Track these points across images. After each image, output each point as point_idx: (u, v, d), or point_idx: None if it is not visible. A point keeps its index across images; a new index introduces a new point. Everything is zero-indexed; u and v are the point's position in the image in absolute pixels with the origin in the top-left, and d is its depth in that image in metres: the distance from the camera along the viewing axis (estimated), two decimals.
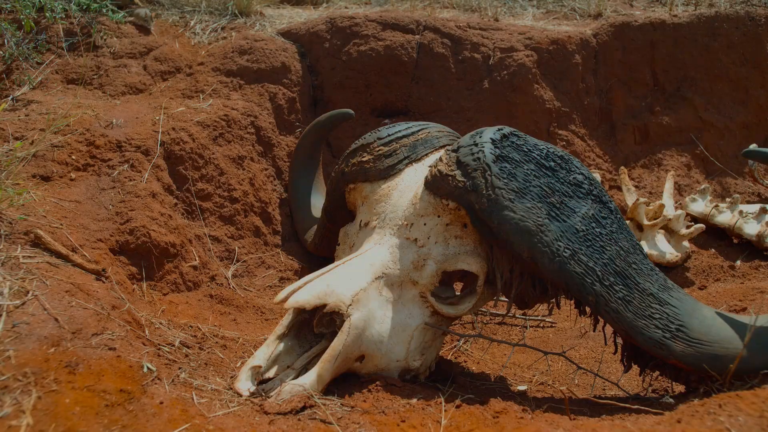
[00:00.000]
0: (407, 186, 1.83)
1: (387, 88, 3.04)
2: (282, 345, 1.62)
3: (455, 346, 2.26)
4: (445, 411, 1.44)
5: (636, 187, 3.11)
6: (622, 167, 2.88)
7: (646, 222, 2.51)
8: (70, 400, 1.18)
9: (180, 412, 1.27)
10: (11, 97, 2.63)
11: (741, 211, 2.72)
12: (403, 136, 1.92)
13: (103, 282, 1.73)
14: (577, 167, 1.72)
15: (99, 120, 2.42)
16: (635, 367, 1.68)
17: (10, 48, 2.85)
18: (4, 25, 2.85)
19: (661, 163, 3.23)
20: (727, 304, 2.37)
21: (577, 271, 1.53)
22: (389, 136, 1.92)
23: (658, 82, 3.38)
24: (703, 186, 2.90)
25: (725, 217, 2.75)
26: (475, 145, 1.65)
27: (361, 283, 1.63)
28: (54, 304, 1.44)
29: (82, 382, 1.24)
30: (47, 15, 3.01)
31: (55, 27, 3.04)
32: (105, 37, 3.11)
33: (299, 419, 1.40)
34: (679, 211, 2.59)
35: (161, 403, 1.27)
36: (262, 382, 1.55)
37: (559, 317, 2.44)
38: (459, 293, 1.78)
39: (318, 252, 2.51)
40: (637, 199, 2.52)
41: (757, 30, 3.37)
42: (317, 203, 2.67)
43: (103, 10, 3.21)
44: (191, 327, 1.93)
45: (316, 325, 1.61)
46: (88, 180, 2.17)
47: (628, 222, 2.60)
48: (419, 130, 1.96)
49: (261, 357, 1.58)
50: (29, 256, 1.61)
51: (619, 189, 3.03)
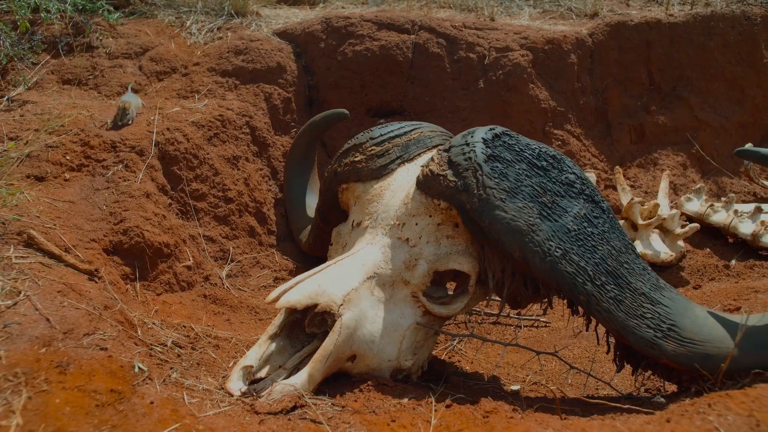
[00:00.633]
0: (399, 186, 1.83)
1: (382, 87, 3.04)
2: (274, 345, 1.63)
3: (449, 346, 2.26)
4: (435, 411, 1.45)
5: (632, 186, 3.11)
6: (618, 167, 2.88)
7: (640, 221, 2.51)
8: (60, 400, 1.19)
9: (170, 412, 1.27)
10: (6, 97, 2.64)
11: (736, 211, 2.71)
12: (396, 136, 1.92)
13: (96, 282, 1.74)
14: (569, 167, 1.72)
15: (94, 120, 2.43)
16: (628, 367, 1.68)
17: (6, 48, 2.85)
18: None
19: (657, 162, 3.23)
20: (721, 303, 2.37)
21: (568, 270, 1.53)
22: (381, 136, 1.92)
23: (654, 81, 3.38)
24: (698, 185, 2.90)
25: (720, 216, 2.75)
26: (467, 144, 1.65)
27: (353, 282, 1.64)
28: (46, 305, 1.44)
29: (72, 382, 1.25)
30: (43, 15, 3.02)
31: (50, 27, 3.05)
32: (101, 37, 3.11)
33: (290, 419, 1.40)
34: (673, 211, 2.59)
35: (152, 403, 1.28)
36: (253, 382, 1.55)
37: (553, 317, 2.45)
38: (452, 293, 1.78)
39: (312, 252, 2.51)
40: (632, 199, 2.52)
41: (752, 29, 3.37)
42: (312, 203, 2.67)
43: (99, 11, 3.22)
44: (184, 327, 1.93)
45: (307, 325, 1.61)
46: (83, 180, 2.17)
47: (622, 221, 2.60)
48: (412, 130, 1.96)
49: (252, 357, 1.59)
50: (22, 257, 1.62)
51: (615, 188, 3.02)
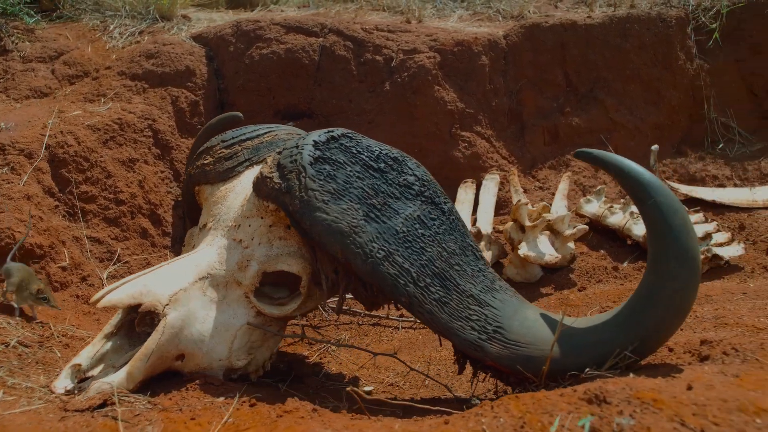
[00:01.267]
0: (243, 188, 1.85)
1: (289, 91, 3.07)
2: (110, 344, 1.65)
3: (323, 347, 2.29)
4: (237, 409, 1.47)
5: (540, 188, 3.12)
6: (513, 168, 2.88)
7: (527, 223, 2.52)
8: None
9: None
10: None
11: (632, 213, 2.72)
12: (247, 139, 1.95)
13: None
14: (410, 169, 1.74)
15: None
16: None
17: None
18: None
19: (569, 164, 3.23)
20: (600, 305, 2.37)
21: (390, 272, 1.54)
22: (233, 138, 1.95)
23: (571, 83, 3.39)
24: (599, 187, 2.90)
25: (617, 218, 2.75)
26: (297, 147, 1.67)
27: (182, 283, 1.66)
28: None
29: None
30: None
31: None
32: (16, 41, 3.16)
33: (93, 416, 1.42)
34: (563, 212, 2.60)
35: None
36: (84, 380, 1.58)
37: None
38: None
39: None
40: (519, 201, 2.53)
41: (668, 31, 3.36)
42: None
43: (19, 14, 3.26)
44: (42, 326, 1.96)
45: (137, 324, 1.64)
46: None
47: (510, 223, 2.62)
48: (266, 133, 1.98)
49: (84, 356, 1.61)
50: None
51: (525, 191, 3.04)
